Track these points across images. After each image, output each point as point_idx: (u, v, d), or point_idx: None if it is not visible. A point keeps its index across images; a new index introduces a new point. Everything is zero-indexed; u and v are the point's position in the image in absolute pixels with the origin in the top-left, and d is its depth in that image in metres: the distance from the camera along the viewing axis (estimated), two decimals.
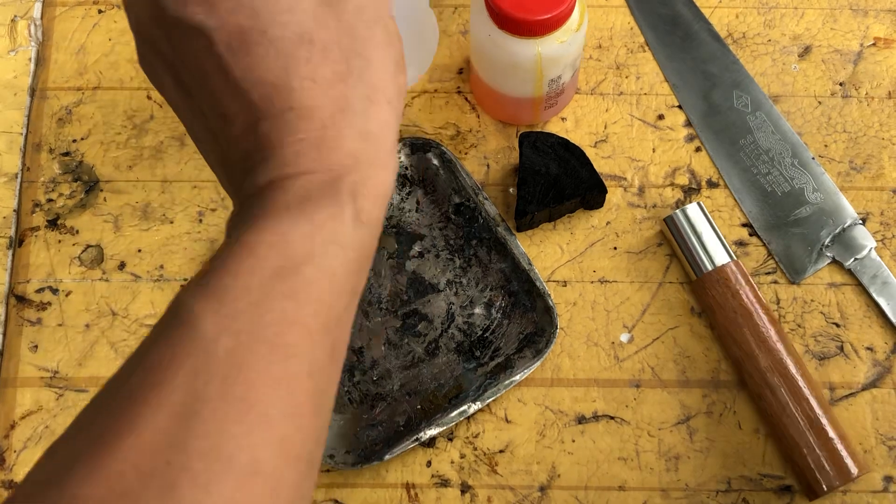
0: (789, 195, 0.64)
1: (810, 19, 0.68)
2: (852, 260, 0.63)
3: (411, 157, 0.64)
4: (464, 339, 0.62)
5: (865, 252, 0.63)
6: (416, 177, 0.64)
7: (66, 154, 0.66)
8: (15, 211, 0.64)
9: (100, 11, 0.69)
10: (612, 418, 0.61)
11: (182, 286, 0.38)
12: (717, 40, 0.68)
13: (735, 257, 0.62)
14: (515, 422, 0.61)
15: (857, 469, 0.57)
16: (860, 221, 0.63)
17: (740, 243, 0.64)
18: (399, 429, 0.60)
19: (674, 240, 0.62)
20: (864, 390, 0.61)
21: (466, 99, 0.67)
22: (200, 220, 0.65)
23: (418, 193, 0.64)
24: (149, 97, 0.67)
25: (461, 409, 0.59)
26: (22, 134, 0.66)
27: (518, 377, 0.60)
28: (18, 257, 0.64)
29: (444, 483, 0.60)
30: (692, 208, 0.62)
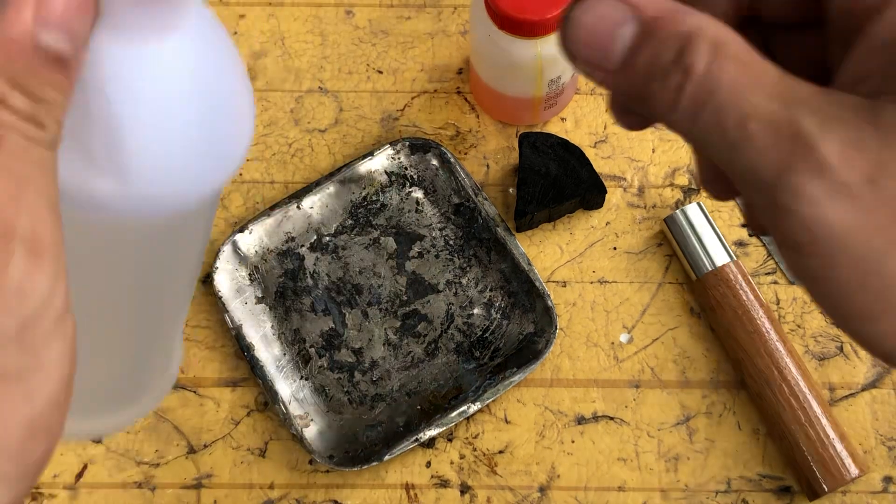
0: None
1: None
2: None
3: (411, 157, 0.64)
4: (463, 339, 0.62)
5: None
6: (415, 177, 0.64)
7: None
8: None
9: None
10: (611, 419, 0.61)
11: None
12: None
13: (735, 257, 0.61)
14: (515, 422, 0.61)
15: (856, 469, 0.57)
16: None
17: (740, 243, 0.64)
18: (398, 429, 0.60)
19: (674, 240, 0.62)
20: (864, 391, 0.61)
21: (466, 99, 0.67)
22: None
23: (418, 194, 0.64)
24: None
25: (461, 409, 0.59)
26: None
27: (517, 378, 0.60)
28: None
29: (444, 484, 0.60)
30: (692, 208, 0.62)
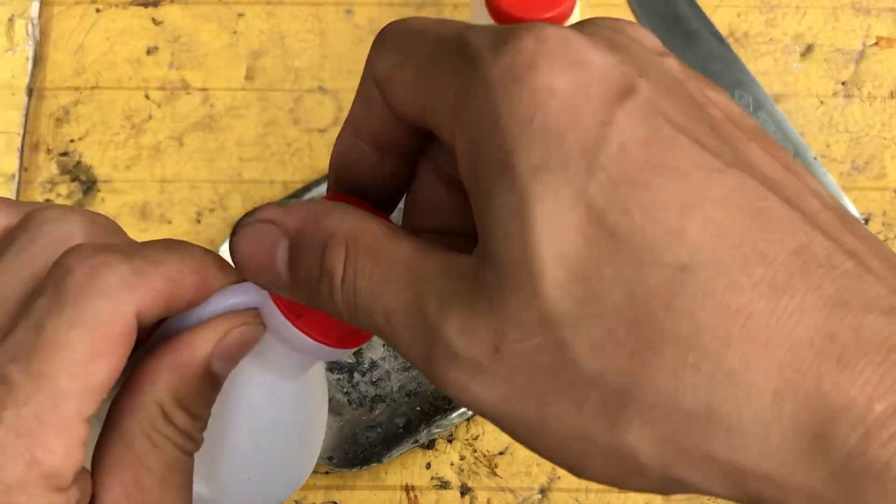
0: None
1: (812, 18, 0.68)
2: None
3: None
4: None
5: None
6: None
7: (64, 154, 0.66)
8: None
9: (98, 11, 0.69)
10: None
11: None
12: (718, 39, 0.67)
13: None
14: None
15: None
16: (863, 222, 0.63)
17: None
18: (398, 430, 0.59)
19: None
20: None
21: None
22: (199, 221, 0.64)
23: None
24: (147, 97, 0.67)
25: (461, 410, 0.59)
26: (20, 134, 0.66)
27: None
28: None
29: (444, 485, 0.60)
30: None
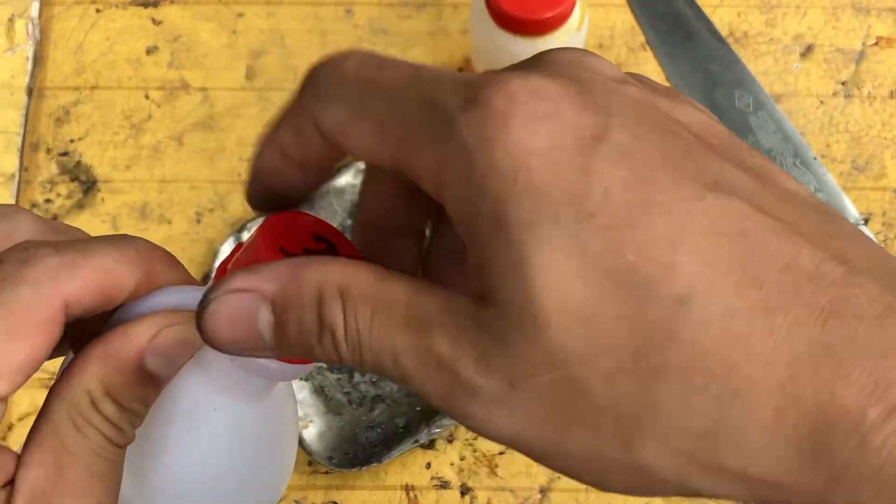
0: None
1: (812, 18, 0.68)
2: None
3: None
4: None
5: None
6: None
7: (64, 154, 0.66)
8: None
9: (98, 11, 0.69)
10: None
11: None
12: (718, 39, 0.67)
13: None
14: None
15: None
16: (863, 222, 0.63)
17: None
18: (398, 430, 0.59)
19: None
20: None
21: None
22: (199, 221, 0.64)
23: None
24: (147, 96, 0.67)
25: None
26: (19, 134, 0.66)
27: None
28: None
29: (444, 485, 0.59)
30: None
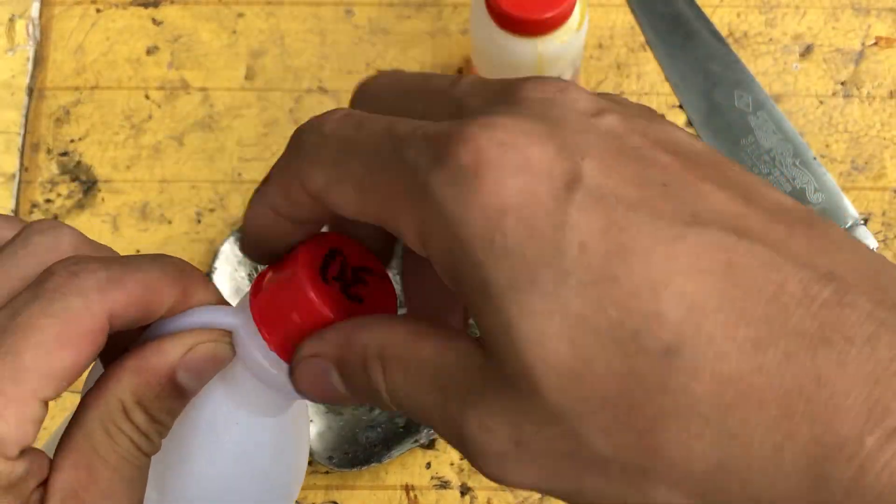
0: (790, 195, 0.64)
1: (812, 18, 0.68)
2: None
3: None
4: None
5: None
6: None
7: (64, 154, 0.66)
8: (13, 211, 0.64)
9: (98, 11, 0.69)
10: None
11: None
12: (718, 39, 0.67)
13: None
14: None
15: None
16: (862, 222, 0.63)
17: None
18: (398, 430, 0.59)
19: None
20: None
21: None
22: (199, 221, 0.64)
23: None
24: (147, 97, 0.67)
25: None
26: (20, 134, 0.66)
27: None
28: None
29: (444, 485, 0.60)
30: None
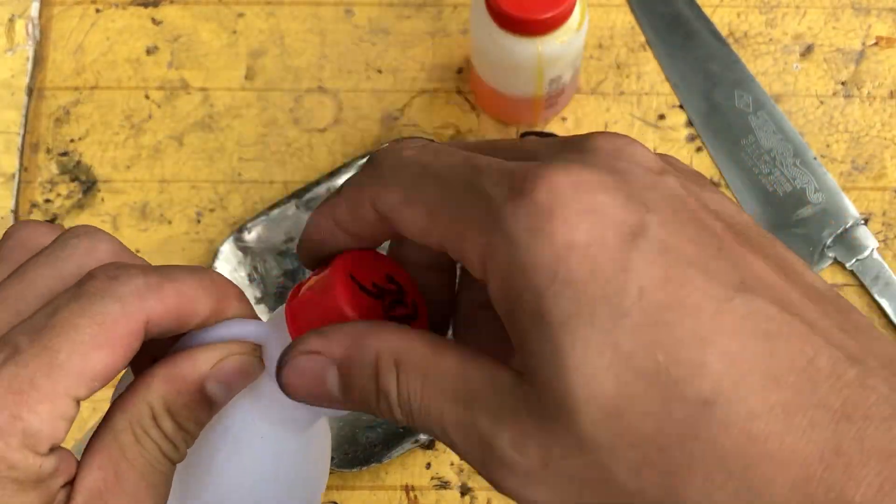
0: (791, 195, 0.64)
1: (812, 18, 0.68)
2: (854, 261, 0.62)
3: None
4: None
5: (867, 253, 0.62)
6: None
7: (64, 154, 0.66)
8: (12, 211, 0.64)
9: (97, 10, 0.69)
10: None
11: None
12: (718, 39, 0.67)
13: None
14: None
15: None
16: (862, 222, 0.63)
17: None
18: (398, 430, 0.59)
19: None
20: None
21: (466, 99, 0.67)
22: (199, 221, 0.64)
23: None
24: (147, 96, 0.67)
25: None
26: (19, 134, 0.66)
27: None
28: None
29: (444, 485, 0.59)
30: None
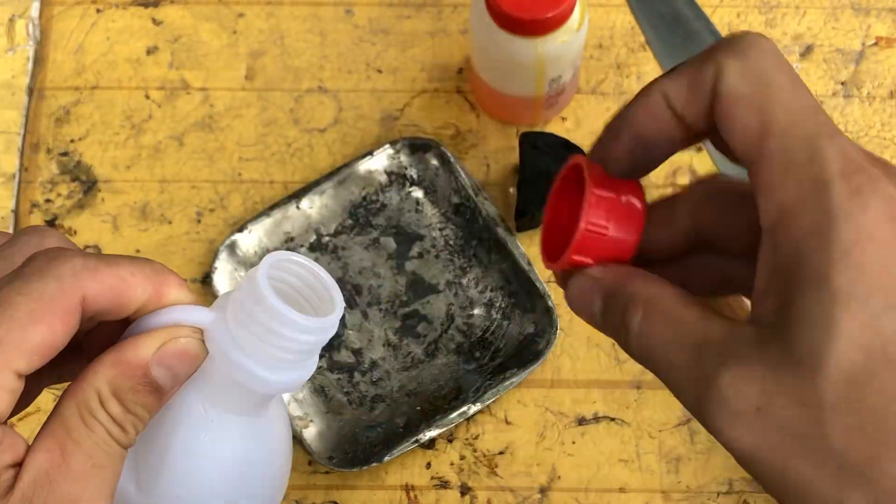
0: None
1: (812, 18, 0.68)
2: None
3: (411, 157, 0.64)
4: (463, 340, 0.61)
5: None
6: (415, 177, 0.64)
7: (65, 154, 0.66)
8: (13, 211, 0.64)
9: (98, 11, 0.69)
10: (612, 420, 0.60)
11: None
12: (718, 39, 0.67)
13: None
14: (515, 423, 0.60)
15: None
16: None
17: None
18: (398, 430, 0.59)
19: None
20: None
21: (466, 99, 0.67)
22: (199, 221, 0.64)
23: (418, 194, 0.64)
24: (147, 97, 0.67)
25: (461, 410, 0.59)
26: (20, 134, 0.66)
27: (518, 378, 0.59)
28: None
29: (444, 485, 0.60)
30: None
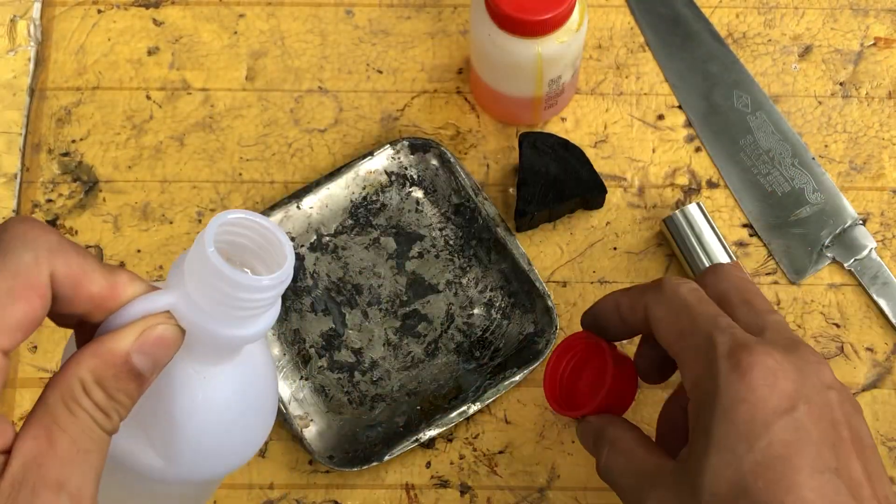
0: (789, 195, 0.64)
1: (811, 19, 0.68)
2: (852, 260, 0.63)
3: (411, 157, 0.64)
4: (463, 339, 0.62)
5: (866, 252, 0.63)
6: (415, 177, 0.64)
7: (66, 154, 0.66)
8: (14, 211, 0.64)
9: (99, 11, 0.69)
10: None
11: None
12: (717, 40, 0.68)
13: (735, 258, 0.61)
14: (515, 422, 0.61)
15: None
16: (860, 222, 0.63)
17: (740, 244, 0.64)
18: (398, 429, 0.60)
19: (673, 240, 0.62)
20: (865, 391, 0.61)
21: (466, 99, 0.67)
22: (199, 221, 0.64)
23: (418, 194, 0.64)
24: (148, 97, 0.67)
25: (461, 409, 0.59)
26: (21, 134, 0.66)
27: (518, 378, 0.59)
28: None
29: (444, 484, 0.60)
30: (692, 209, 0.62)
